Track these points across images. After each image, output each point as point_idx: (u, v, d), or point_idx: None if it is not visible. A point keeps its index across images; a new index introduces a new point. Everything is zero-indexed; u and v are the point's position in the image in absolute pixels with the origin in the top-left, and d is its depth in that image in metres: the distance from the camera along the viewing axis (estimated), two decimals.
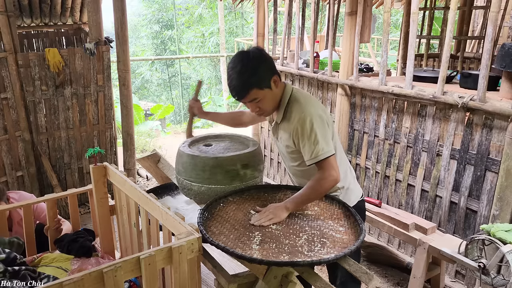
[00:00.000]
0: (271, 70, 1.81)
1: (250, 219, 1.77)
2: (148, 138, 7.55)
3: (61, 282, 1.33)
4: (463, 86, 3.08)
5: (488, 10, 3.77)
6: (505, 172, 2.52)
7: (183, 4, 18.26)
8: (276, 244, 1.59)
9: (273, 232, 1.68)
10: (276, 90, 1.85)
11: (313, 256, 1.51)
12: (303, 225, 1.74)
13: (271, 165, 4.95)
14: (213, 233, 1.68)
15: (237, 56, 1.79)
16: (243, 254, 1.51)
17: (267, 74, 1.79)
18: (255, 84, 1.76)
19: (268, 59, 1.82)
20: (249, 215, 1.82)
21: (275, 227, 1.72)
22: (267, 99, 1.82)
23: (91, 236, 2.45)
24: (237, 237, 1.64)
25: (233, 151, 2.09)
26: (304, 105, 1.83)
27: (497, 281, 2.17)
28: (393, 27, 14.56)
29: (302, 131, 1.80)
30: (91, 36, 3.96)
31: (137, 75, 17.72)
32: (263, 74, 1.77)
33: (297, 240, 1.62)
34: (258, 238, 1.63)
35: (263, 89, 1.79)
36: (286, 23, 4.40)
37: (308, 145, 1.80)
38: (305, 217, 1.80)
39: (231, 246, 1.57)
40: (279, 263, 1.48)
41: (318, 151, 1.78)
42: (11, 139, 3.81)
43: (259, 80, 1.76)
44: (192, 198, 2.11)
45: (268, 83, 1.79)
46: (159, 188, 2.49)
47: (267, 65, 1.80)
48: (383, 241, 3.54)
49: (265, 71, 1.78)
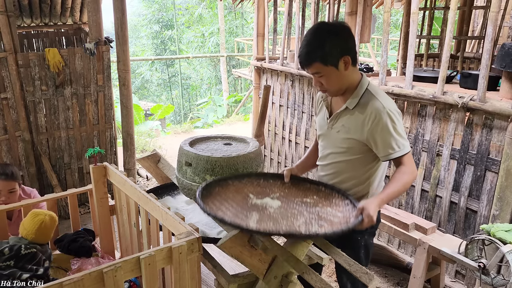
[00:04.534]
0: (343, 49, 1.69)
1: (249, 202, 1.76)
2: (148, 138, 7.56)
3: (61, 282, 1.33)
4: (463, 86, 3.09)
5: (488, 10, 3.77)
6: (505, 172, 2.53)
7: (183, 4, 18.27)
8: (274, 223, 1.59)
9: (271, 214, 1.67)
10: (345, 72, 1.72)
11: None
12: (301, 210, 1.73)
13: (271, 165, 4.95)
14: (211, 208, 1.67)
15: (315, 25, 1.75)
16: (240, 223, 1.52)
17: (335, 52, 1.67)
18: (319, 58, 1.67)
19: (345, 37, 1.70)
20: (248, 198, 1.79)
21: (273, 210, 1.70)
22: (331, 77, 1.72)
23: (91, 236, 2.45)
24: (235, 214, 1.64)
25: (233, 152, 2.09)
26: (384, 99, 1.74)
27: (497, 281, 2.17)
28: (393, 27, 14.57)
29: (384, 124, 1.70)
30: (91, 36, 3.96)
31: (137, 75, 17.74)
32: (330, 50, 1.67)
33: (295, 221, 1.62)
34: (256, 217, 1.63)
35: (327, 65, 1.69)
36: (286, 23, 4.40)
37: (390, 138, 1.70)
38: (304, 204, 1.78)
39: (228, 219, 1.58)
40: (274, 233, 1.50)
41: (401, 145, 1.70)
42: (11, 139, 3.81)
43: (324, 55, 1.67)
44: (192, 198, 2.11)
45: (334, 61, 1.68)
46: (159, 188, 2.50)
47: (340, 43, 1.68)
48: (383, 241, 3.54)
49: (334, 47, 1.67)
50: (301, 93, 4.27)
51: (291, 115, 4.47)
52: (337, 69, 1.70)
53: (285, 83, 4.47)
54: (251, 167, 2.05)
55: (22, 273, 1.84)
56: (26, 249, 1.92)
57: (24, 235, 2.01)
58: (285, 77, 4.46)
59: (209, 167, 1.98)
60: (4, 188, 2.56)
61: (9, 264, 1.85)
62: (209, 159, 1.98)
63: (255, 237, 1.66)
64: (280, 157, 4.75)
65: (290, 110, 4.46)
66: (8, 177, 2.58)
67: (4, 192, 2.56)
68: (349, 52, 1.70)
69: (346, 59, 1.69)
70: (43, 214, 2.06)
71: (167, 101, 17.74)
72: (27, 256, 1.91)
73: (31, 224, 2.02)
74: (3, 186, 2.56)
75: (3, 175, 2.56)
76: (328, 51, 1.66)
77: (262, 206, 1.74)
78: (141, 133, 7.80)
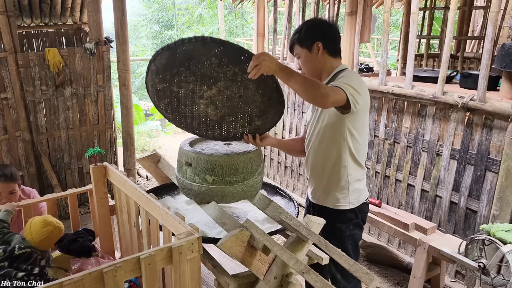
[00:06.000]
0: (316, 35, 1.93)
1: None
2: (148, 138, 7.56)
3: (61, 282, 1.33)
4: (463, 86, 3.09)
5: (488, 10, 3.77)
6: (505, 172, 2.53)
7: (183, 4, 18.26)
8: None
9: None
10: (318, 57, 1.94)
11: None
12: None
13: (271, 165, 4.95)
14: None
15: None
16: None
17: (310, 36, 1.93)
18: (297, 39, 1.96)
19: (322, 27, 1.95)
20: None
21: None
22: (305, 59, 1.96)
23: (91, 236, 2.45)
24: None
25: (233, 152, 2.09)
26: (350, 74, 1.91)
27: (497, 281, 2.17)
28: (393, 27, 14.56)
29: (339, 78, 1.86)
30: (91, 36, 3.96)
31: (137, 75, 17.73)
32: (306, 34, 1.94)
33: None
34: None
35: (302, 47, 1.95)
36: (286, 23, 4.40)
37: (338, 81, 1.82)
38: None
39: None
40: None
41: (343, 84, 1.76)
42: (11, 139, 3.81)
43: (300, 38, 1.95)
44: (192, 198, 2.11)
45: (308, 44, 1.93)
46: (159, 188, 2.49)
47: (315, 30, 1.94)
48: (383, 241, 3.54)
49: (309, 32, 1.94)
50: None
51: (291, 115, 4.47)
52: (310, 52, 1.94)
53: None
54: (251, 167, 2.05)
55: (17, 272, 1.84)
56: (20, 249, 1.92)
57: (28, 239, 2.01)
58: None
59: (209, 167, 1.98)
60: (4, 190, 2.55)
61: (3, 265, 1.85)
62: (209, 159, 1.98)
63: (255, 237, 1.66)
64: (280, 157, 4.75)
65: (290, 110, 4.46)
66: (8, 179, 2.57)
67: (4, 194, 2.55)
68: (321, 39, 1.92)
69: (319, 44, 1.92)
70: (53, 226, 2.06)
71: None
72: (22, 256, 1.91)
73: (39, 233, 2.01)
74: (3, 188, 2.54)
75: (2, 177, 2.55)
76: (304, 35, 1.94)
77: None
78: (141, 133, 7.80)
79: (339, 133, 1.91)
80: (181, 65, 1.72)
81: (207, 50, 1.64)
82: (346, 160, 1.95)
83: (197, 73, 1.72)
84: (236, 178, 2.00)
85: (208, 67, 1.68)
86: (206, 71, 1.70)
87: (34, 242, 2.00)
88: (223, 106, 1.86)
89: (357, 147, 1.95)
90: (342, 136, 1.91)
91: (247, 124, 1.98)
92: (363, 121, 1.94)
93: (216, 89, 1.77)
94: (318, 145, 2.01)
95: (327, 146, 1.97)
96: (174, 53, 1.69)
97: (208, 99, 1.83)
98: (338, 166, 1.96)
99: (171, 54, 1.70)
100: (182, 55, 1.68)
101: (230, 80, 1.72)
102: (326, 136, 1.96)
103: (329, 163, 1.98)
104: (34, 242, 2.00)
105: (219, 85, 1.74)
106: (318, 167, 2.04)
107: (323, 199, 2.05)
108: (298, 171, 4.47)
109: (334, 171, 1.98)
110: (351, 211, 2.02)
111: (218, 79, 1.72)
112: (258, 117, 1.93)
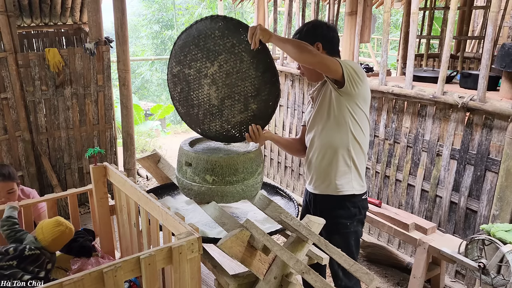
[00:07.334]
0: (315, 35, 2.00)
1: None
2: (148, 138, 7.55)
3: (61, 282, 1.33)
4: (463, 86, 3.09)
5: (488, 10, 3.77)
6: (505, 172, 2.53)
7: (183, 4, 18.25)
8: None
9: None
10: None
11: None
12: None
13: (271, 165, 4.95)
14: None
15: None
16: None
17: (309, 36, 2.00)
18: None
19: (321, 28, 2.01)
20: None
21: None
22: None
23: (91, 236, 2.45)
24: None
25: (233, 151, 2.09)
26: (352, 62, 1.97)
27: (497, 281, 2.17)
28: (393, 27, 14.56)
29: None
30: (91, 36, 3.96)
31: (137, 75, 17.72)
32: (305, 35, 2.01)
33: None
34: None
35: None
36: (286, 23, 4.40)
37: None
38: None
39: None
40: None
41: (341, 60, 1.87)
42: (11, 139, 3.81)
43: (301, 38, 1.99)
44: (192, 198, 2.11)
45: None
46: (159, 188, 2.49)
47: (315, 31, 2.01)
48: (383, 241, 3.54)
49: (308, 33, 2.01)
50: (301, 93, 4.27)
51: (291, 115, 4.47)
52: None
53: (285, 83, 4.47)
54: (251, 167, 2.05)
55: (23, 274, 1.84)
56: (30, 250, 1.92)
57: (40, 239, 2.01)
58: (285, 77, 4.46)
59: (209, 167, 1.98)
60: (3, 189, 2.55)
61: (12, 264, 1.85)
62: (209, 159, 1.98)
63: (255, 237, 1.66)
64: (280, 157, 4.75)
65: (290, 110, 4.46)
66: (6, 178, 2.56)
67: (3, 193, 2.55)
68: (320, 40, 1.99)
69: (319, 45, 1.99)
70: (65, 226, 2.06)
71: (167, 101, 17.70)
72: (31, 257, 1.91)
73: (51, 232, 2.01)
74: (1, 187, 2.54)
75: (0, 176, 2.56)
76: (303, 36, 2.01)
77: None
78: (141, 133, 7.80)
79: (341, 116, 1.95)
80: (192, 43, 1.97)
81: (213, 24, 1.90)
82: (349, 143, 1.98)
83: (204, 48, 1.95)
84: (236, 178, 2.00)
85: (212, 40, 1.91)
86: (210, 45, 1.93)
87: (45, 241, 2.00)
88: (223, 85, 1.97)
89: (359, 133, 1.98)
90: (344, 119, 1.95)
91: (243, 108, 1.99)
92: (364, 110, 1.99)
93: (217, 64, 1.95)
94: (321, 131, 2.03)
95: (330, 130, 1.99)
96: (189, 34, 1.98)
97: (211, 78, 1.99)
98: (342, 149, 1.98)
99: (187, 35, 1.99)
100: (195, 34, 1.95)
101: (229, 52, 1.90)
102: (330, 121, 1.99)
103: (332, 148, 2.00)
104: (46, 241, 2.00)
105: (220, 59, 1.93)
106: (320, 155, 2.04)
107: (325, 187, 2.05)
108: (298, 171, 4.47)
109: (337, 155, 2.00)
110: (354, 205, 2.03)
111: (219, 53, 1.92)
112: (254, 98, 1.96)
